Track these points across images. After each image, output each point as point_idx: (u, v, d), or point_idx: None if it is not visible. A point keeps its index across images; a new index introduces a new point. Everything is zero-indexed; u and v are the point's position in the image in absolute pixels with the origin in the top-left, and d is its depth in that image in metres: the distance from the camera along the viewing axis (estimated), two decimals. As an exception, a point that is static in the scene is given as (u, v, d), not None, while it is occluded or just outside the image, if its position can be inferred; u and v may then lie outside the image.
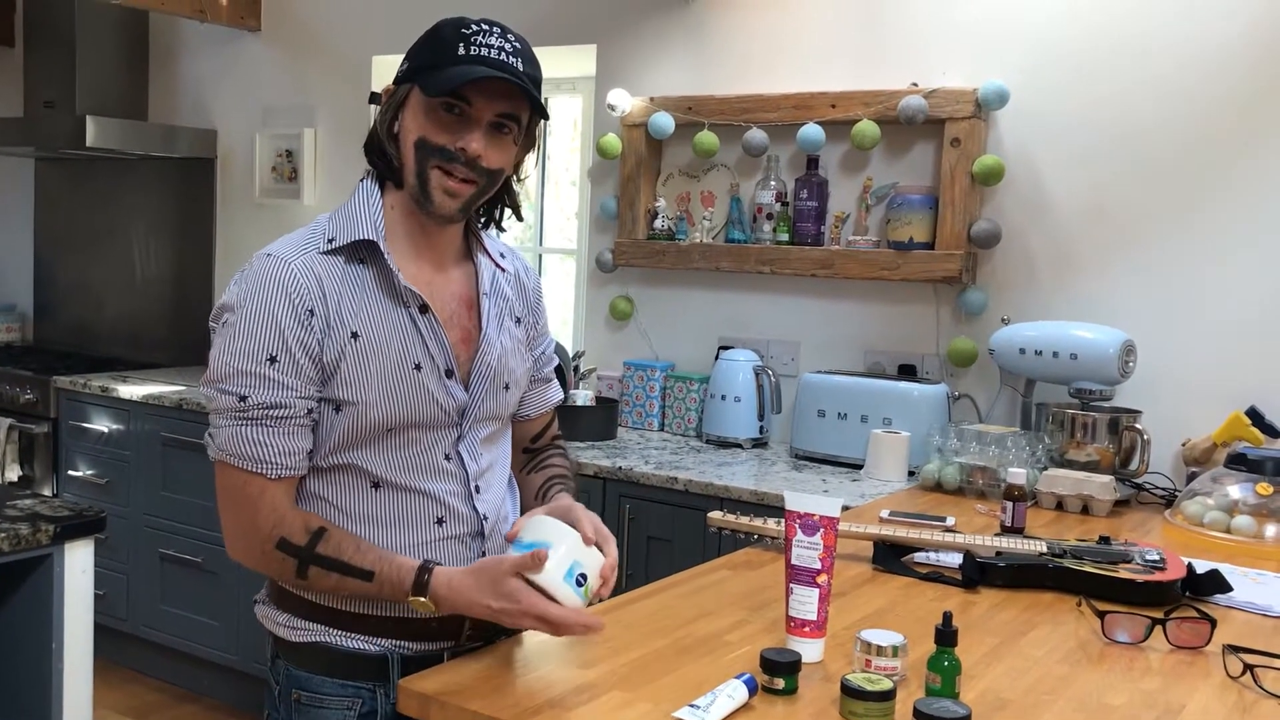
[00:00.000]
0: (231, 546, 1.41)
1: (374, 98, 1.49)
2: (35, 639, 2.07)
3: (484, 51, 1.37)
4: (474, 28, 1.39)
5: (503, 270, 1.58)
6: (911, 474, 2.78)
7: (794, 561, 1.44)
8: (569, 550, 1.36)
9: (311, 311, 1.38)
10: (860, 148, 3.04)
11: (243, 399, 1.36)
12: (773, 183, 3.21)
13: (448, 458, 1.48)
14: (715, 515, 2.05)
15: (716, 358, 3.25)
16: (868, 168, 3.14)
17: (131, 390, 3.78)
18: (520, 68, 1.39)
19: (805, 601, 1.43)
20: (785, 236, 3.19)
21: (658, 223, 3.37)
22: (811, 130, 3.08)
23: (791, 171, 3.23)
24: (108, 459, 3.87)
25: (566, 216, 4.05)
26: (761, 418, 3.17)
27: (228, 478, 1.39)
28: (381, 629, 1.44)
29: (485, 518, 1.51)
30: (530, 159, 1.53)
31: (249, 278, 1.39)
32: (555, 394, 1.73)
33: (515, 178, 1.53)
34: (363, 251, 1.44)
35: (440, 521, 1.47)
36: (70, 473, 3.96)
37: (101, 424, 3.88)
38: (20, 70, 4.60)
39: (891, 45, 3.08)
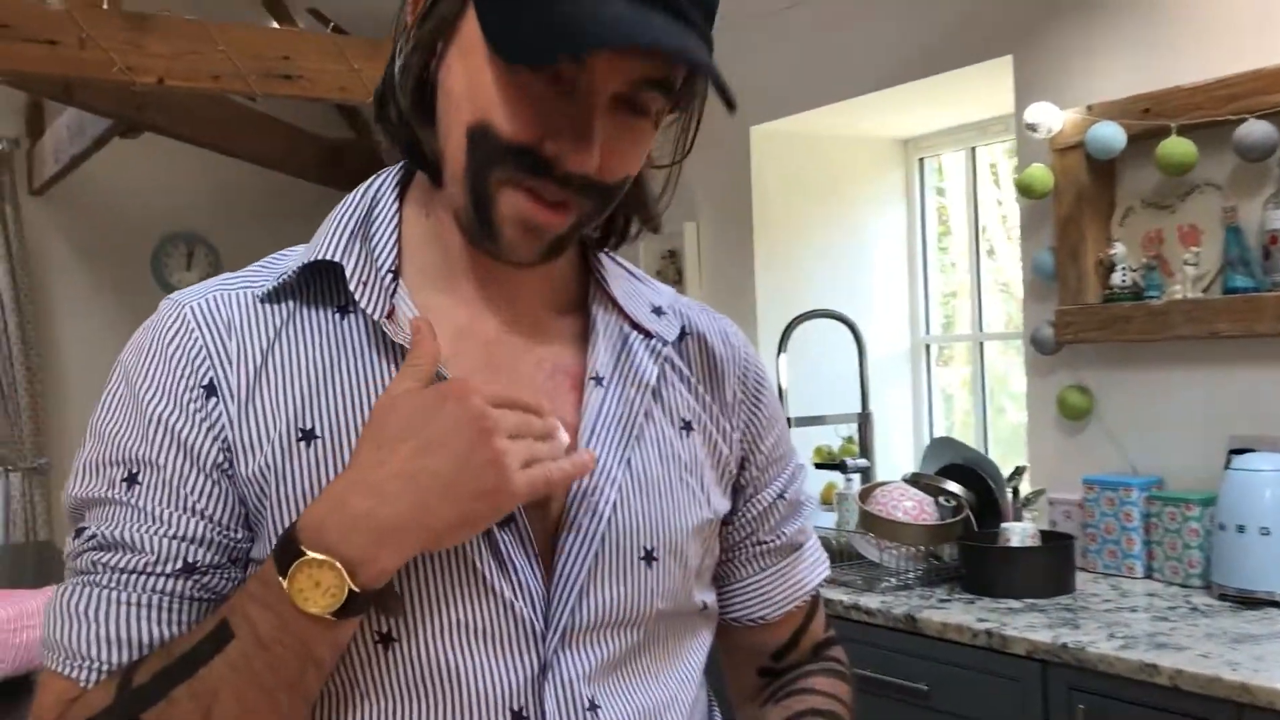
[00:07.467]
0: None
1: None
2: None
3: None
4: None
5: (647, 334, 0.84)
6: None
7: None
8: None
9: (209, 389, 0.75)
10: None
11: (79, 533, 0.76)
12: (1291, 197, 2.15)
13: (518, 716, 0.73)
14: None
15: (1227, 466, 2.20)
16: None
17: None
18: None
19: None
20: (1321, 275, 2.10)
21: (1116, 277, 2.42)
22: (1348, 107, 2.00)
23: (1321, 177, 2.14)
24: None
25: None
26: (1310, 557, 2.06)
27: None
28: None
29: None
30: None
31: (134, 336, 0.81)
32: (814, 571, 0.95)
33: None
34: (341, 295, 0.78)
35: None
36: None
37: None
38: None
39: None
